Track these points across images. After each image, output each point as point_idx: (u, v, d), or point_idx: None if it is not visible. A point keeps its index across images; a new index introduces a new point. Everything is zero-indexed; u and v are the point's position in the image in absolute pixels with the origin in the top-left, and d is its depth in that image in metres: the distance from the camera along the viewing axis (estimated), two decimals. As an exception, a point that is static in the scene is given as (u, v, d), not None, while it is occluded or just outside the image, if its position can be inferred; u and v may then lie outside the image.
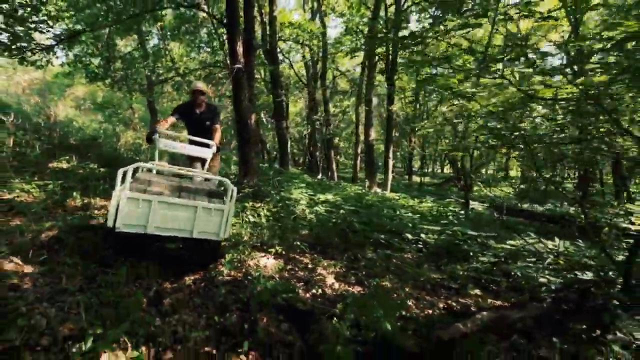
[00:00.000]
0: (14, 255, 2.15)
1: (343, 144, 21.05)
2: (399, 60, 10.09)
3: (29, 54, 6.12)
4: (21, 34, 5.79)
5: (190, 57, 9.49)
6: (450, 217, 7.30)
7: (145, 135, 3.46)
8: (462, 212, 8.51)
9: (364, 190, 9.22)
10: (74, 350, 1.46)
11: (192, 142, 3.49)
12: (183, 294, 2.29)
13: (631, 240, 4.19)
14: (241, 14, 6.43)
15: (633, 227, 3.99)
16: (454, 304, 3.20)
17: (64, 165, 5.38)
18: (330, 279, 3.06)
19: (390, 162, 11.05)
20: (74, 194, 3.87)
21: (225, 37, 6.79)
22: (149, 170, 3.39)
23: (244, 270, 2.79)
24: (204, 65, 9.10)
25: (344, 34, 12.95)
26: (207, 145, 3.42)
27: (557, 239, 4.69)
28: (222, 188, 3.08)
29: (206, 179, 3.32)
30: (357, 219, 5.25)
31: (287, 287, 2.62)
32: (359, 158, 13.09)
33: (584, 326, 2.95)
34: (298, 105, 21.24)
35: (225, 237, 2.69)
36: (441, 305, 3.14)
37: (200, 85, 3.89)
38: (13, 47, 6.01)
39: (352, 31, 11.90)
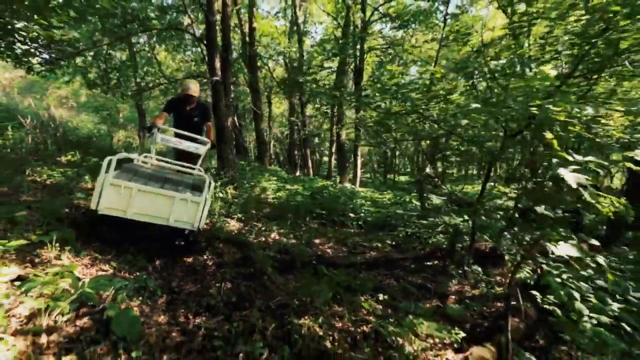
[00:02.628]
0: (67, 208, 3.58)
1: (325, 144, 22.57)
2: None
3: (38, 66, 7.46)
4: (32, 50, 7.15)
5: (177, 68, 10.90)
6: (398, 205, 8.88)
7: (146, 127, 3.86)
8: (419, 202, 10.09)
9: (332, 184, 10.77)
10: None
11: (178, 136, 3.71)
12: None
13: (502, 212, 5.85)
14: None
15: (499, 202, 5.71)
16: (358, 252, 4.74)
17: (70, 158, 6.76)
18: (274, 235, 4.57)
19: (359, 160, 12.66)
20: (86, 178, 5.28)
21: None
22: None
23: (212, 224, 4.27)
24: (189, 75, 10.53)
25: (322, 38, 14.56)
26: (201, 142, 3.62)
27: (465, 216, 6.33)
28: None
29: (191, 173, 3.60)
30: (311, 202, 6.78)
31: (241, 234, 4.11)
32: (333, 156, 14.66)
33: (446, 265, 4.55)
34: (282, 106, 22.74)
35: (201, 227, 2.92)
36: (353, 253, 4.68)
37: (192, 87, 3.91)
38: (24, 59, 7.37)
39: (327, 40, 13.50)
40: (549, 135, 1.54)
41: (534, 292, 2.47)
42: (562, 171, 1.34)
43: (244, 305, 2.38)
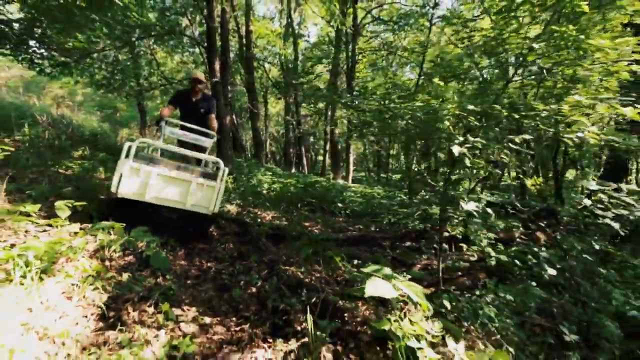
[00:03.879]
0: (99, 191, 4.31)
1: (320, 142, 23.34)
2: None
3: (50, 68, 8.17)
4: (45, 53, 7.87)
5: (177, 70, 11.64)
6: (388, 198, 9.64)
7: (154, 121, 4.39)
8: (407, 196, 10.86)
9: (325, 180, 11.54)
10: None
11: (184, 128, 3.92)
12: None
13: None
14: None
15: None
16: (342, 232, 5.50)
17: (81, 153, 7.48)
18: (268, 217, 5.32)
19: (351, 158, 13.47)
20: (100, 169, 6.01)
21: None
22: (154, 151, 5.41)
23: (215, 208, 5.01)
24: (189, 77, 11.30)
25: (316, 41, 15.36)
26: (207, 134, 3.83)
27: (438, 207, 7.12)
28: (216, 168, 3.39)
29: (201, 163, 3.92)
30: (303, 193, 7.53)
31: (240, 216, 4.86)
32: (327, 154, 15.44)
33: (415, 243, 5.30)
34: (278, 105, 23.52)
35: (215, 212, 3.07)
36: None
37: (199, 74, 4.14)
38: (36, 62, 8.08)
39: (321, 44, 14.30)
40: (447, 123, 2.30)
41: (462, 245, 3.24)
42: (453, 147, 2.09)
43: (244, 258, 3.13)
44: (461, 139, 2.19)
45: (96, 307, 1.82)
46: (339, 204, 7.40)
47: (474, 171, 2.26)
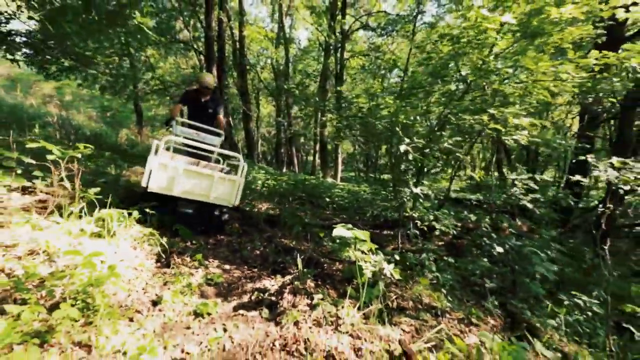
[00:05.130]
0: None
1: (310, 143, 24.26)
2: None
3: (58, 72, 8.90)
4: (53, 59, 8.60)
5: (177, 75, 12.46)
6: (375, 195, 10.58)
7: (164, 120, 4.60)
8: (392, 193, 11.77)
9: (314, 178, 12.45)
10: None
11: (191, 127, 4.19)
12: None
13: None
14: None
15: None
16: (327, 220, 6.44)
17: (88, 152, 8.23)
18: (264, 207, 6.22)
19: (340, 157, 14.44)
20: (111, 166, 6.81)
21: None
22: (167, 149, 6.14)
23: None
24: (188, 80, 12.09)
25: (305, 48, 16.32)
26: (217, 134, 4.10)
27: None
28: (226, 164, 3.71)
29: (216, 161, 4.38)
30: (294, 189, 8.44)
31: (238, 206, 5.75)
32: (317, 155, 16.37)
33: (392, 231, 6.23)
34: (269, 107, 24.38)
35: (236, 205, 3.40)
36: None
37: (209, 80, 4.33)
38: (45, 65, 8.80)
39: (310, 51, 15.25)
40: (397, 128, 3.23)
41: (417, 221, 4.20)
42: (401, 146, 3.01)
43: (247, 234, 4.03)
44: (407, 140, 3.14)
45: (152, 255, 2.71)
46: (327, 199, 8.33)
47: (418, 163, 3.20)
